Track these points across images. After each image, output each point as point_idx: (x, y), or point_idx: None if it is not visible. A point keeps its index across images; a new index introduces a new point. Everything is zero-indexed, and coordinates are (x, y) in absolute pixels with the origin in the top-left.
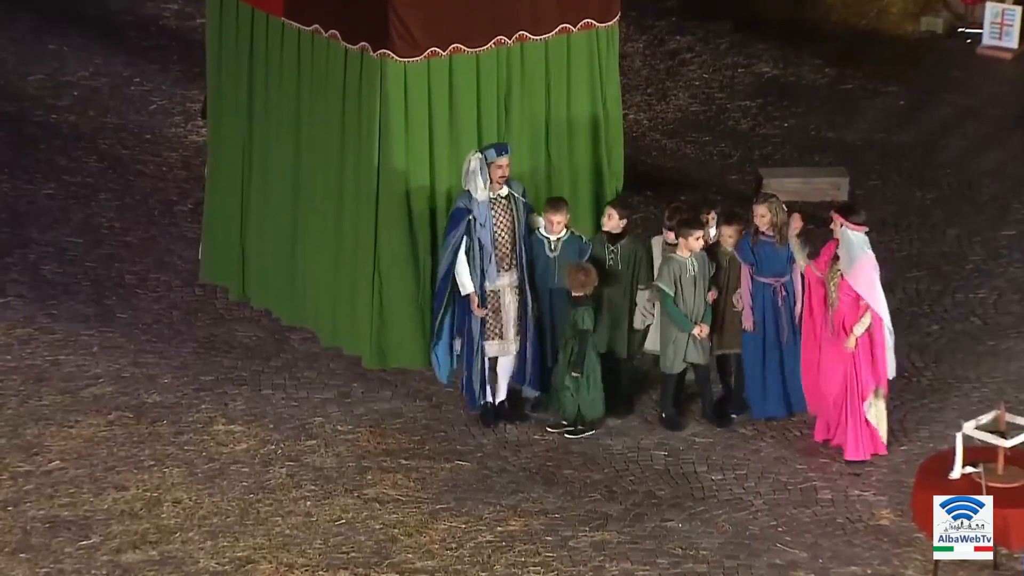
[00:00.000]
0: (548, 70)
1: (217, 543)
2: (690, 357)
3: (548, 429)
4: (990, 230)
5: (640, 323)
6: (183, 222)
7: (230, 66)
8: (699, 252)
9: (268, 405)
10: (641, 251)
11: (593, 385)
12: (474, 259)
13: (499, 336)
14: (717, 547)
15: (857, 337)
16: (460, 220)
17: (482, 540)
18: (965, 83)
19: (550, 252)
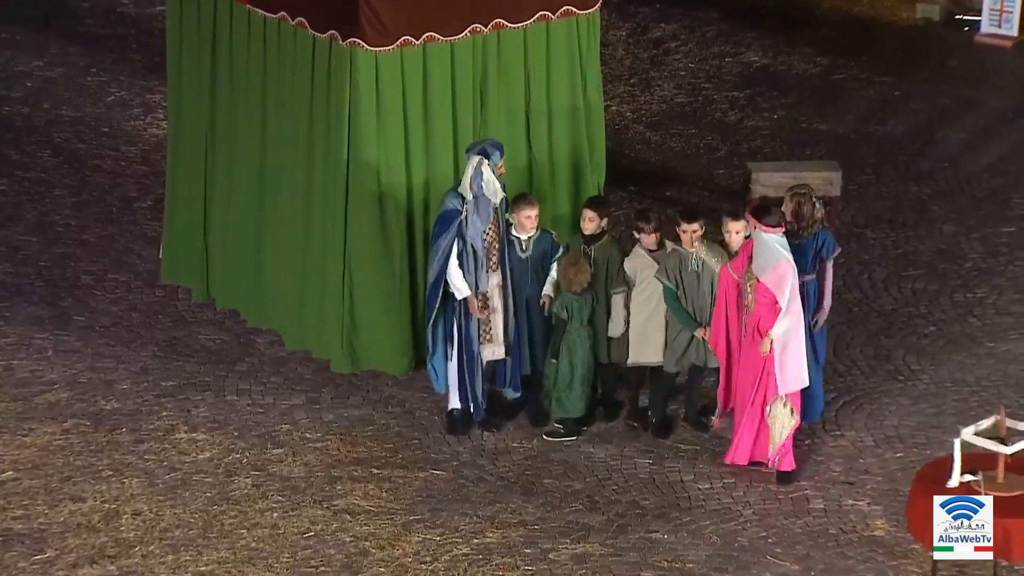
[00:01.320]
0: (526, 60)
1: (179, 557)
2: (690, 358)
3: (545, 437)
4: (989, 226)
5: (614, 331)
6: (143, 219)
7: (192, 55)
8: (706, 247)
9: (233, 412)
10: (616, 253)
11: (573, 383)
12: (467, 262)
13: (491, 340)
14: (704, 560)
15: (772, 340)
16: (451, 222)
17: (458, 553)
18: (963, 73)
19: (522, 252)
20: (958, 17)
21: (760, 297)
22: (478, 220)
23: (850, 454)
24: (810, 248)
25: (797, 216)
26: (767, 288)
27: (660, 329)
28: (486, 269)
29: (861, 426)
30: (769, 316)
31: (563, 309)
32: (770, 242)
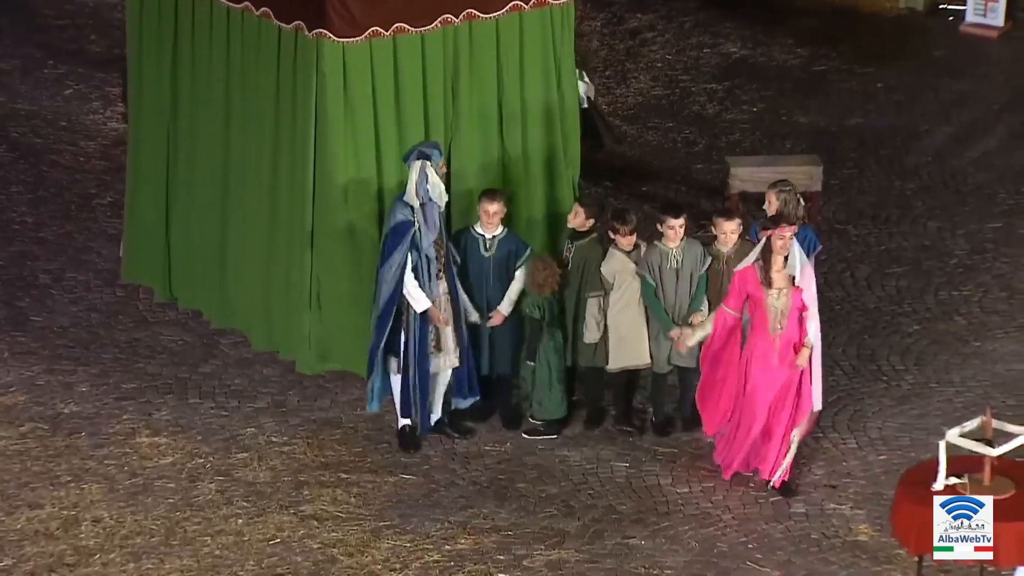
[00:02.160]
0: (499, 51)
1: (141, 565)
2: (675, 360)
3: (524, 435)
4: (975, 222)
5: (589, 337)
6: (102, 217)
7: (152, 47)
8: (688, 245)
9: (196, 415)
10: (597, 254)
11: (552, 383)
12: (422, 273)
13: (441, 349)
14: (683, 565)
15: (811, 347)
16: (404, 235)
17: (429, 560)
18: (948, 64)
19: (485, 251)
20: (942, 7)
21: (793, 311)
22: (429, 228)
23: (832, 457)
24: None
25: (781, 214)
26: (800, 296)
27: (642, 331)
28: (436, 277)
29: (844, 428)
30: (798, 329)
31: (535, 308)
32: (796, 244)
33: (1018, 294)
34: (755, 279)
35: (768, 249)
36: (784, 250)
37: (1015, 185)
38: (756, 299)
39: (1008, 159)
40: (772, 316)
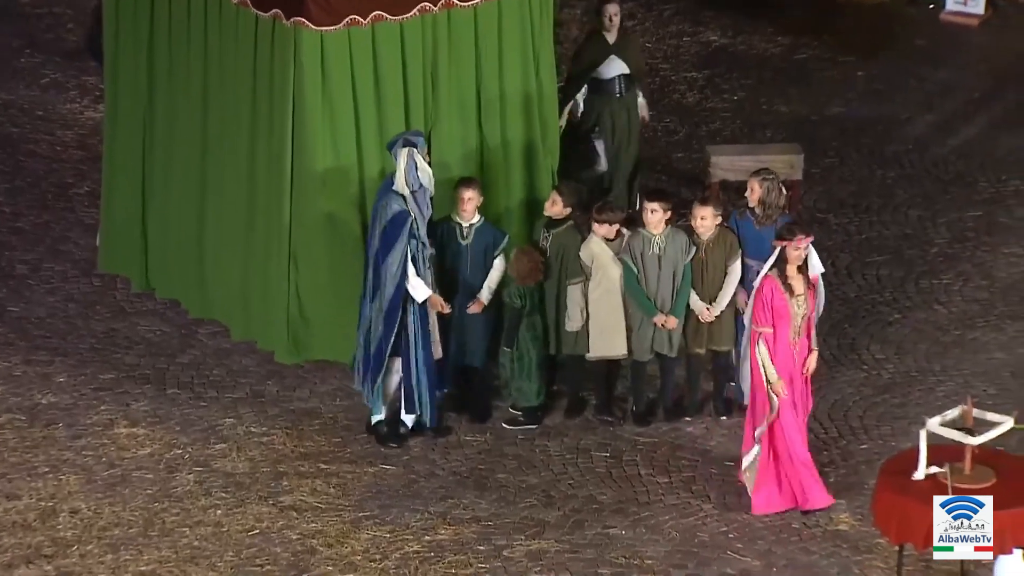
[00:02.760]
0: (478, 39)
1: (119, 556)
2: (657, 347)
3: (504, 425)
4: (956, 211)
5: (571, 325)
6: (79, 207)
7: (129, 35)
8: (673, 233)
9: (174, 406)
10: (575, 242)
11: (531, 371)
12: (420, 262)
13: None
14: (663, 556)
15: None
16: (402, 227)
17: (409, 551)
18: (929, 53)
19: (462, 239)
20: None
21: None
22: (422, 215)
23: (813, 446)
24: (768, 235)
25: (763, 203)
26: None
27: (619, 322)
28: (428, 265)
29: (824, 417)
30: (809, 332)
31: (516, 298)
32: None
33: (999, 283)
34: (778, 287)
35: (783, 259)
36: (799, 260)
37: (996, 173)
38: (780, 308)
39: (989, 147)
40: (794, 324)
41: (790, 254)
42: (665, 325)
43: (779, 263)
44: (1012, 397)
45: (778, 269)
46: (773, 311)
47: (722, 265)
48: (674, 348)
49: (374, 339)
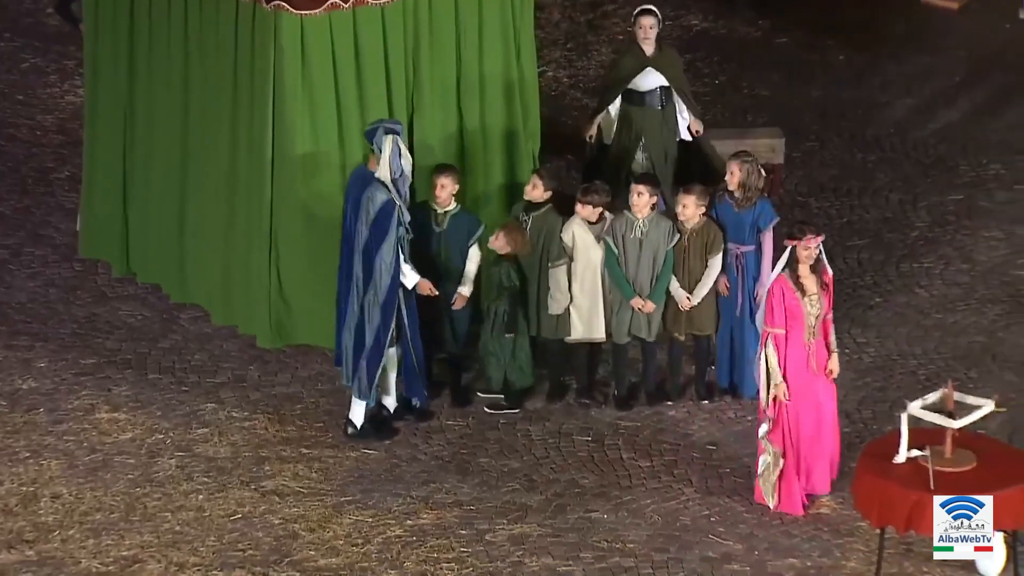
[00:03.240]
0: (458, 23)
1: (100, 541)
2: (635, 330)
3: (480, 394)
4: (936, 194)
5: (556, 308)
6: (60, 191)
7: (108, 17)
8: (657, 219)
9: (155, 391)
10: (555, 224)
11: (520, 350)
12: (405, 248)
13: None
14: (645, 539)
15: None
16: (392, 214)
17: (391, 535)
18: (910, 36)
19: (436, 226)
20: None
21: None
22: (404, 202)
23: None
24: (748, 218)
25: (743, 186)
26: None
27: (598, 306)
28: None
29: None
30: (826, 331)
31: (508, 276)
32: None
33: (979, 266)
34: (790, 287)
35: (794, 259)
36: (809, 259)
37: (976, 157)
38: (793, 308)
39: (970, 131)
40: (808, 324)
41: (800, 254)
42: (643, 309)
43: (790, 263)
44: (993, 380)
45: (790, 269)
46: (786, 312)
47: (702, 256)
48: (652, 332)
49: (371, 331)
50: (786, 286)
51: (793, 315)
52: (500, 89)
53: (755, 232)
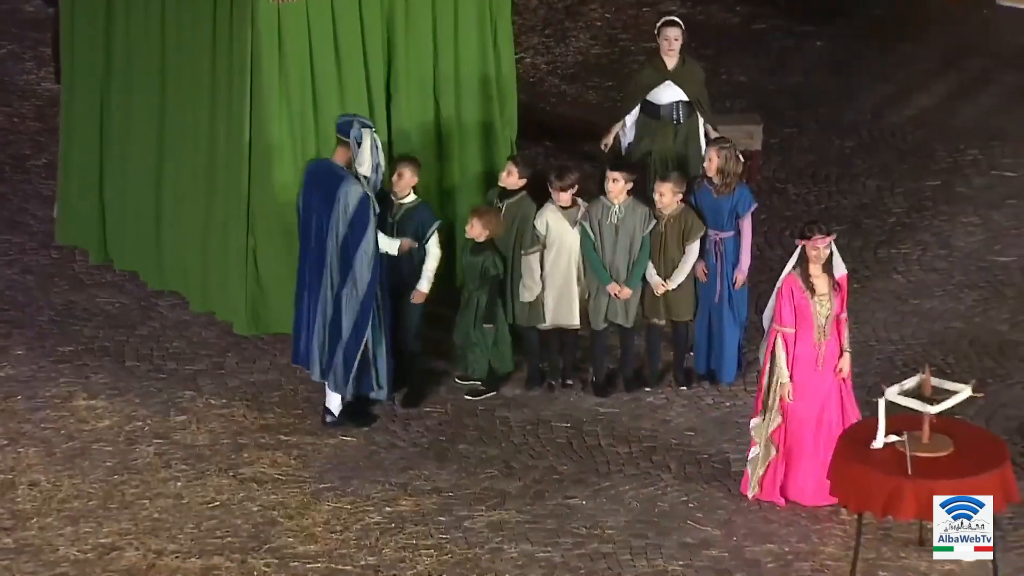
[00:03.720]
0: (435, 9)
1: (79, 529)
2: (611, 316)
3: (457, 380)
4: (913, 181)
5: (528, 295)
6: (37, 178)
7: (86, 4)
8: (634, 204)
9: (133, 378)
10: (529, 211)
11: (502, 337)
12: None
13: None
14: (624, 525)
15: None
16: (368, 209)
17: (369, 522)
18: (887, 23)
19: (390, 217)
20: None
21: (833, 317)
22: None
23: None
24: (727, 204)
25: (722, 172)
26: (841, 300)
27: (572, 291)
28: None
29: None
30: (837, 332)
31: (493, 264)
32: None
33: (957, 252)
34: (799, 287)
35: (804, 258)
36: (819, 259)
37: (953, 143)
38: (802, 308)
39: (946, 117)
40: (817, 324)
41: (810, 253)
42: (619, 295)
43: (800, 262)
44: (970, 366)
45: (800, 268)
46: (796, 311)
47: (679, 243)
48: (630, 319)
49: (348, 325)
50: (795, 285)
51: (802, 314)
52: (477, 76)
53: (734, 218)
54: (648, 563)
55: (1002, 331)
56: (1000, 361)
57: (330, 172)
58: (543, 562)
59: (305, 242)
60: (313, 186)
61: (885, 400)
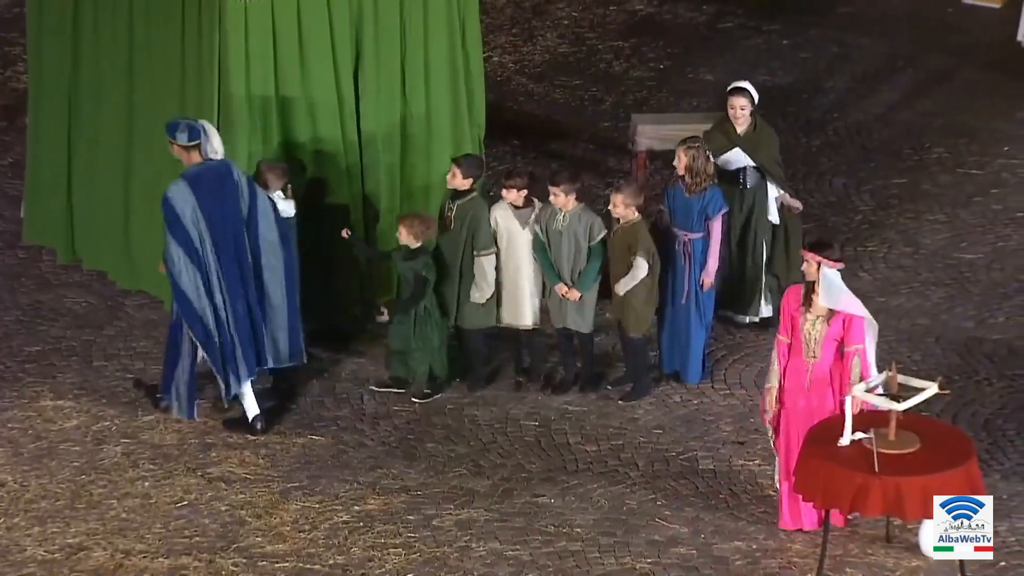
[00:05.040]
0: (403, 9)
1: (46, 529)
2: (566, 321)
3: (372, 388)
4: (879, 178)
5: (479, 296)
6: (3, 178)
7: (53, 3)
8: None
9: (101, 378)
10: (481, 211)
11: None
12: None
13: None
14: (592, 523)
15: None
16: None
17: (338, 521)
18: (853, 20)
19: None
20: None
21: (828, 340)
22: None
23: (740, 413)
24: (697, 204)
25: (691, 171)
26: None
27: (521, 290)
28: None
29: (751, 384)
30: (838, 362)
31: (425, 267)
32: (835, 280)
33: (923, 249)
34: (797, 299)
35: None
36: (810, 276)
37: (919, 141)
38: (795, 320)
39: (913, 115)
40: (806, 342)
41: (806, 270)
42: (566, 295)
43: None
44: (936, 363)
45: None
46: (791, 321)
47: (624, 254)
48: (585, 324)
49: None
50: (795, 295)
51: (795, 327)
52: (445, 74)
53: (703, 219)
54: (616, 561)
55: (968, 328)
56: (966, 358)
57: (209, 172)
58: (512, 560)
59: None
60: (203, 197)
61: (852, 397)
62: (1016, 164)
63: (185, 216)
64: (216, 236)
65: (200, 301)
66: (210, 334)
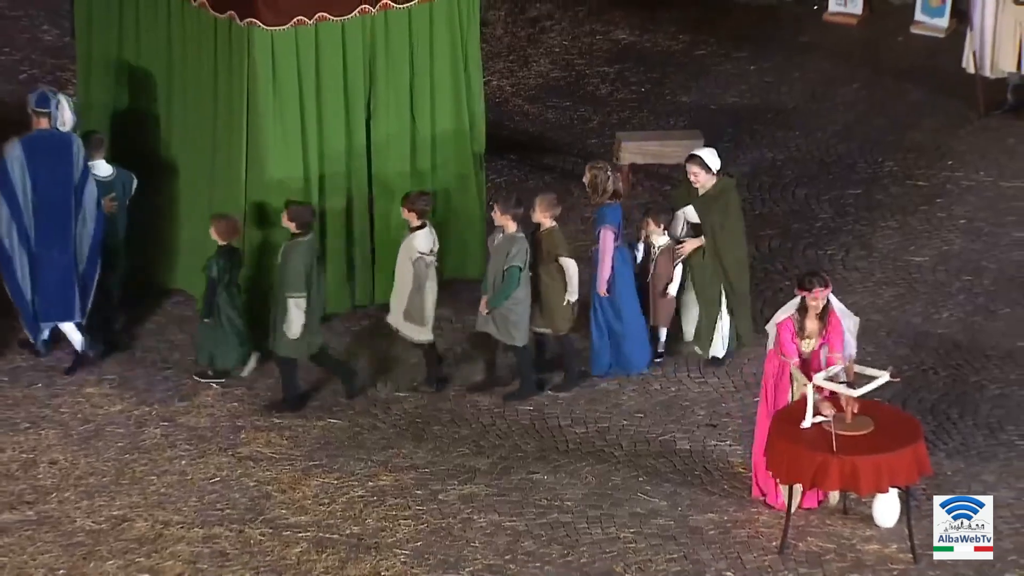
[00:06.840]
0: (411, 38)
1: (93, 502)
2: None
3: (195, 377)
4: (837, 189)
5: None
6: None
7: (100, 34)
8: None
9: (141, 367)
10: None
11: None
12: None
13: None
14: (581, 498)
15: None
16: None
17: (354, 495)
18: (813, 47)
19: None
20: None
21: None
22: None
23: (713, 399)
24: (596, 218)
25: (593, 187)
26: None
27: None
28: None
29: (723, 373)
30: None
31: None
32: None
33: (877, 252)
34: (792, 331)
35: (803, 307)
36: (817, 310)
37: (873, 156)
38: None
39: (867, 132)
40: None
41: (809, 304)
42: (482, 311)
43: (800, 311)
44: (888, 354)
45: (798, 314)
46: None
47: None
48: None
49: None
50: (788, 328)
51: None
52: (449, 96)
53: (597, 232)
54: (602, 531)
55: (916, 323)
56: (914, 350)
57: (50, 139)
58: (509, 530)
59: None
60: (35, 160)
61: (813, 385)
62: (959, 176)
63: (13, 172)
64: (39, 196)
65: (12, 245)
66: (14, 275)
